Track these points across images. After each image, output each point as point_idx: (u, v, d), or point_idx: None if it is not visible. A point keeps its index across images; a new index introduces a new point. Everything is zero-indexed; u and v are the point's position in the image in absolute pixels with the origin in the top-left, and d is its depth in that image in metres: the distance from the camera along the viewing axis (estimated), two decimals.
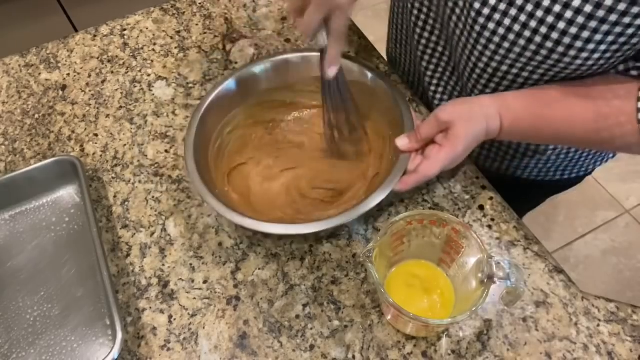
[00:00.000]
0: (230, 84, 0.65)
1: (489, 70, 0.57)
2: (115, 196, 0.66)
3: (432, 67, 0.70)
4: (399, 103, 0.61)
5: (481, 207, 0.62)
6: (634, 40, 0.47)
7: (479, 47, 0.56)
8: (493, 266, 0.46)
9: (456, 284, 0.53)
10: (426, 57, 0.69)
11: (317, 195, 0.63)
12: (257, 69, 0.66)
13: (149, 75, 0.78)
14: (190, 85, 0.76)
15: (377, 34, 1.28)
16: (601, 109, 0.52)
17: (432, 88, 0.72)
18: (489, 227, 0.60)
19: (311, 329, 0.54)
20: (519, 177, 0.75)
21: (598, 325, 0.53)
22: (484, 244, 0.48)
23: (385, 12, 2.19)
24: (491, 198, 0.62)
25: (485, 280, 0.47)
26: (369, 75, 0.64)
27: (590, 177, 0.79)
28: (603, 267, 1.50)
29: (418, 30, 0.67)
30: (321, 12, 0.53)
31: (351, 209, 0.54)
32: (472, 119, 0.55)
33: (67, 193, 0.66)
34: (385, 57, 0.80)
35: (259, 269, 0.59)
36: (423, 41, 0.67)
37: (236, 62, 0.78)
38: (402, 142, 0.58)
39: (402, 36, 0.75)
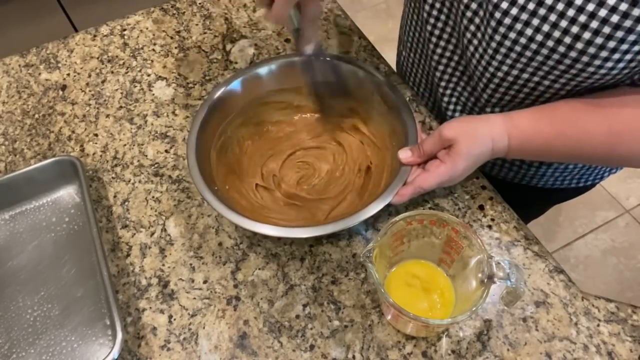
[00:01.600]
0: (234, 84, 0.65)
1: (509, 78, 0.56)
2: (115, 196, 0.66)
3: (446, 77, 0.69)
4: (403, 112, 0.61)
5: (481, 207, 0.62)
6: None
7: (499, 55, 0.55)
8: (493, 266, 0.47)
9: (456, 284, 0.53)
10: (440, 68, 0.68)
11: (320, 199, 0.63)
12: (263, 69, 0.66)
13: (149, 75, 0.78)
14: (190, 85, 0.76)
15: (377, 34, 1.28)
16: (614, 125, 0.51)
17: (446, 99, 0.71)
18: (489, 227, 0.60)
19: (311, 329, 0.55)
20: (534, 186, 0.74)
21: (598, 325, 0.53)
22: (484, 244, 0.48)
23: (385, 12, 2.20)
24: (491, 198, 0.62)
25: (485, 280, 0.47)
26: (372, 82, 0.64)
27: None
28: (603, 267, 1.50)
29: (434, 39, 0.65)
30: (291, 3, 0.53)
31: (349, 217, 0.53)
32: (476, 138, 0.54)
33: (67, 193, 0.66)
34: (385, 57, 0.79)
35: (259, 269, 0.59)
36: (439, 50, 0.66)
37: (236, 62, 0.78)
38: (405, 154, 0.57)
39: (415, 46, 0.74)
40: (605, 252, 1.53)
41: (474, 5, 0.55)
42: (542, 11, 0.48)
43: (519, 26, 0.51)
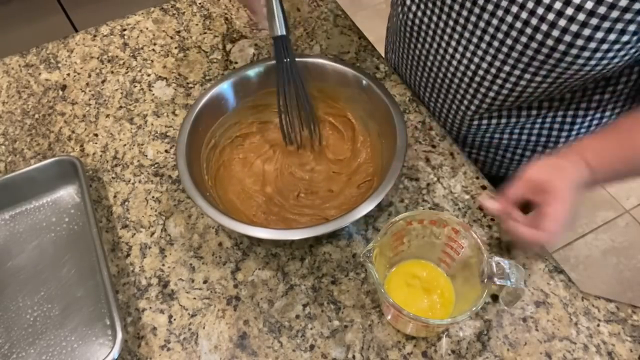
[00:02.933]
0: (224, 85, 0.65)
1: (492, 70, 0.57)
2: (115, 196, 0.66)
3: (425, 77, 0.69)
4: (392, 111, 0.60)
5: (481, 207, 0.62)
6: (637, 39, 0.46)
7: (483, 45, 0.56)
8: (493, 266, 0.46)
9: (456, 284, 0.53)
10: (419, 70, 0.69)
11: (306, 199, 0.64)
12: (252, 71, 0.66)
13: (149, 75, 0.78)
14: (190, 85, 0.76)
15: (377, 34, 1.28)
16: None
17: (427, 100, 0.72)
18: (489, 227, 0.60)
19: (311, 329, 0.54)
20: None
21: (598, 325, 0.53)
22: (484, 244, 0.48)
23: (385, 12, 2.19)
24: (491, 198, 0.62)
25: (485, 280, 0.47)
26: (363, 81, 0.64)
27: None
28: (603, 267, 1.50)
29: (413, 41, 0.66)
30: None
31: (340, 217, 0.53)
32: (563, 170, 0.52)
33: (67, 193, 0.66)
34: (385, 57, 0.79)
35: (259, 269, 0.59)
36: (416, 52, 0.67)
37: (236, 62, 0.78)
38: (490, 204, 0.54)
39: (399, 46, 0.74)
40: (605, 252, 1.53)
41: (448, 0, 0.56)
42: None
43: (500, 13, 0.51)
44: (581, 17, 0.45)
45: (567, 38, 0.47)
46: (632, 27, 0.45)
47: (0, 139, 0.72)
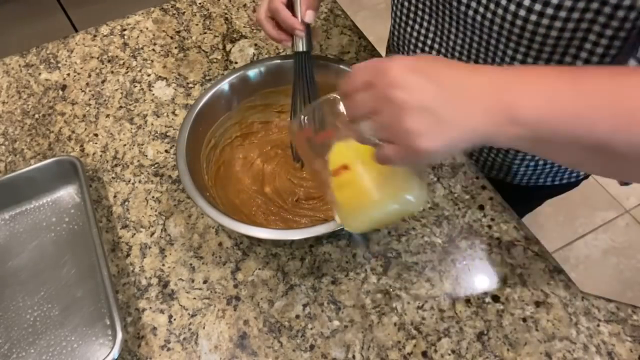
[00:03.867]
0: (224, 85, 0.65)
1: (477, 32, 0.58)
2: (115, 196, 0.66)
3: None
4: None
5: (481, 207, 0.62)
6: (594, 6, 0.46)
7: (469, 20, 0.56)
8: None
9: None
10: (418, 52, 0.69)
11: (306, 203, 0.64)
12: (252, 71, 0.66)
13: (149, 75, 0.78)
14: (190, 85, 0.76)
15: (377, 34, 1.28)
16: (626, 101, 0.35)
17: None
18: (489, 227, 0.60)
19: (311, 329, 0.55)
20: (510, 184, 0.75)
21: (598, 325, 0.53)
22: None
23: (385, 12, 2.19)
24: (491, 198, 0.62)
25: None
26: None
27: (590, 177, 0.79)
28: (603, 267, 1.50)
29: (410, 23, 0.67)
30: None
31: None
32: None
33: (67, 193, 0.66)
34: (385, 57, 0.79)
35: (259, 269, 0.59)
36: (415, 34, 0.67)
37: (236, 62, 0.78)
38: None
39: (397, 33, 0.75)
40: (605, 252, 1.53)
41: None
42: None
43: None
44: None
45: (538, 7, 0.48)
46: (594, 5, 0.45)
47: (0, 139, 0.72)
